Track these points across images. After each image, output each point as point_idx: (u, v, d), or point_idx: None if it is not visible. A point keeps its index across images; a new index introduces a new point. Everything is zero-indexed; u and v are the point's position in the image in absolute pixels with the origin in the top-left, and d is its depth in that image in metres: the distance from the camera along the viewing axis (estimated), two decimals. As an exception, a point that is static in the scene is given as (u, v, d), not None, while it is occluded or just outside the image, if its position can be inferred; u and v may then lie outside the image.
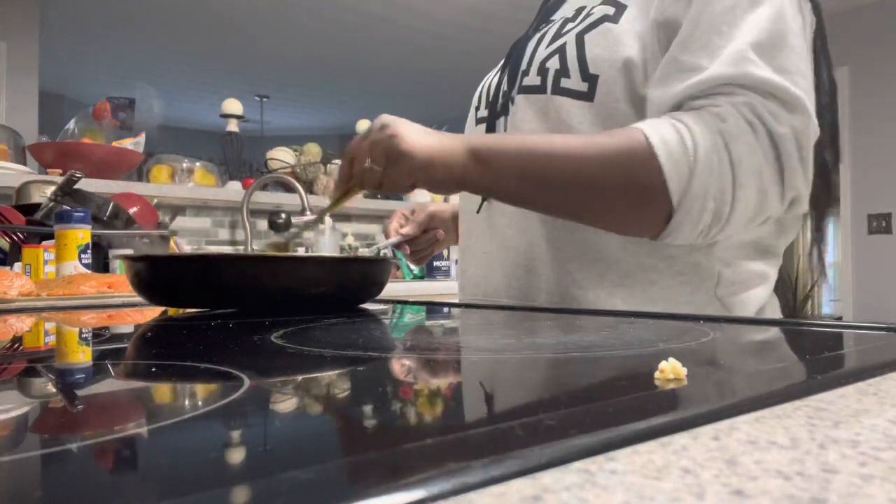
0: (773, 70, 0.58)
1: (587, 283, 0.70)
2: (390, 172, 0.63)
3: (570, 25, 0.72)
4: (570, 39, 0.70)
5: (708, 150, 0.57)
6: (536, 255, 0.74)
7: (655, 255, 0.69)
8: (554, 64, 0.71)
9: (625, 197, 0.60)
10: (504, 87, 0.79)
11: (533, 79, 0.73)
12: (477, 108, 0.86)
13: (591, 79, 0.68)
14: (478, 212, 0.83)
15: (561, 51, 0.71)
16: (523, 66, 0.76)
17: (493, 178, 0.63)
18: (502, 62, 0.84)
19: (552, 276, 0.72)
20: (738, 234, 0.64)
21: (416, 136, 0.62)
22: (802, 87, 0.59)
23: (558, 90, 0.70)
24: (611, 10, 0.69)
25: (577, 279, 0.71)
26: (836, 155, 0.69)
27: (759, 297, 0.72)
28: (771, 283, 0.75)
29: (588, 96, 0.68)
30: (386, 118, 0.64)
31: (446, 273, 2.27)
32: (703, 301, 0.69)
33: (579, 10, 0.73)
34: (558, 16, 0.79)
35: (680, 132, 0.57)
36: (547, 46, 0.73)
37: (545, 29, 0.77)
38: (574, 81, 0.69)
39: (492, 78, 0.86)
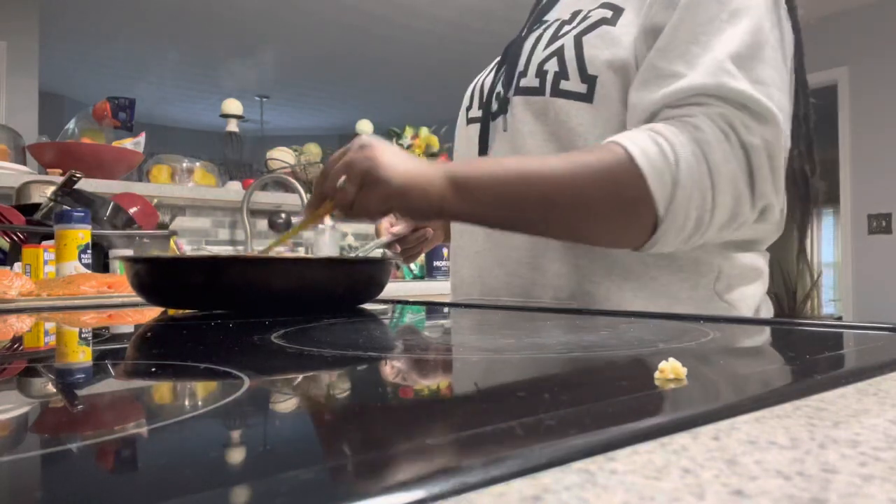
0: (749, 81, 0.60)
1: (598, 276, 0.71)
2: (364, 196, 0.61)
3: (566, 28, 0.73)
4: (567, 42, 0.71)
5: (688, 160, 0.58)
6: (542, 252, 0.74)
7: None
8: (552, 66, 0.71)
9: (611, 213, 0.61)
10: (499, 88, 0.79)
11: (531, 80, 0.73)
12: (468, 108, 0.86)
13: (589, 80, 0.68)
14: None
15: (559, 53, 0.71)
16: (520, 67, 0.76)
17: (473, 205, 0.61)
18: (496, 62, 0.84)
19: (563, 271, 0.72)
20: (712, 240, 0.65)
21: (394, 162, 0.60)
22: (776, 100, 0.61)
23: (557, 92, 0.70)
24: (608, 14, 0.70)
25: (588, 273, 0.71)
26: (814, 165, 0.72)
27: (755, 293, 0.74)
28: (765, 278, 0.76)
29: (587, 97, 0.69)
30: (365, 138, 0.63)
31: (446, 273, 2.27)
32: (703, 297, 0.71)
33: (575, 13, 0.74)
34: (552, 17, 0.79)
35: (659, 144, 0.58)
36: (544, 48, 0.73)
37: (540, 30, 0.77)
38: (573, 83, 0.69)
39: (484, 77, 0.85)
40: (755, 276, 0.73)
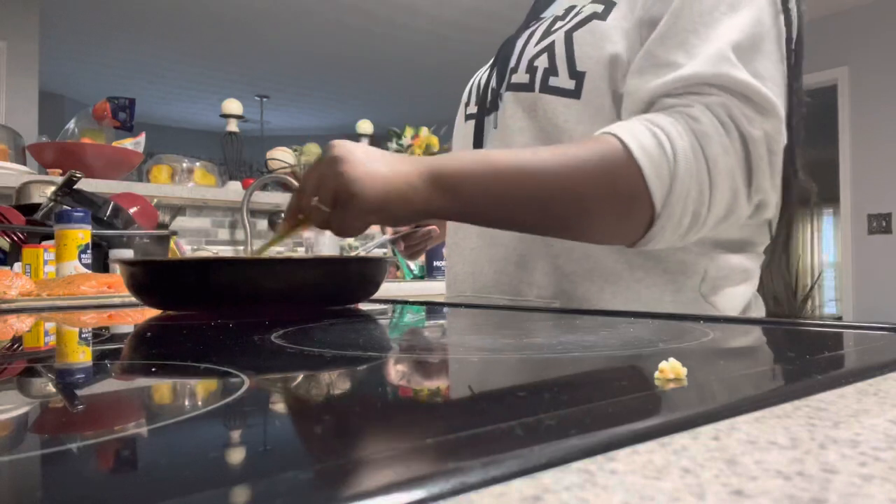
0: (749, 73, 0.58)
1: (577, 276, 0.70)
2: (339, 216, 0.57)
3: (559, 24, 0.72)
4: (558, 38, 0.70)
5: (686, 152, 0.56)
6: (528, 251, 0.74)
7: (642, 253, 0.69)
8: (542, 62, 0.71)
9: (606, 208, 0.58)
10: (493, 84, 0.79)
11: (521, 76, 0.73)
12: (466, 105, 0.86)
13: (578, 76, 0.68)
14: None
15: (549, 49, 0.71)
16: (512, 63, 0.76)
17: (462, 204, 0.58)
18: (492, 59, 0.84)
19: (546, 270, 0.72)
20: (708, 235, 0.64)
21: (367, 173, 0.55)
22: (774, 93, 0.59)
23: (546, 88, 0.70)
24: (599, 8, 0.69)
25: (567, 273, 0.71)
26: (795, 168, 0.68)
27: (742, 294, 0.73)
28: (755, 280, 0.75)
29: (575, 94, 0.68)
30: (337, 148, 0.57)
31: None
32: (687, 300, 0.70)
33: (569, 9, 0.73)
34: (548, 13, 0.79)
35: (657, 135, 0.56)
36: (536, 44, 0.73)
37: (535, 27, 0.77)
38: (562, 79, 0.69)
39: (482, 75, 0.86)
40: (742, 277, 0.72)
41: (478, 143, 0.80)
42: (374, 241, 0.94)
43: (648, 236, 0.59)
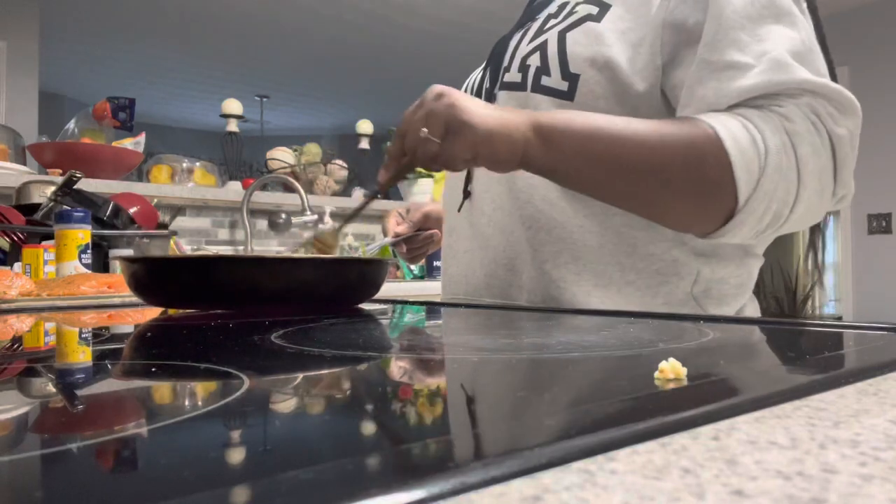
0: (813, 74, 0.58)
1: (564, 282, 0.70)
2: (449, 145, 0.59)
3: (552, 22, 0.72)
4: (551, 37, 0.70)
5: (778, 150, 0.55)
6: (517, 254, 0.74)
7: (635, 253, 0.68)
8: (535, 61, 0.70)
9: (690, 190, 0.58)
10: (487, 84, 0.79)
11: (514, 75, 0.73)
12: None
13: (571, 78, 0.67)
14: (458, 210, 0.83)
15: (542, 48, 0.70)
16: (505, 62, 0.76)
17: (557, 157, 0.59)
18: (486, 60, 0.84)
19: (533, 274, 0.72)
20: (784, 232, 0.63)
21: (475, 107, 0.58)
22: None
23: (538, 88, 0.70)
24: (594, 10, 0.68)
25: (555, 278, 0.71)
26: None
27: (736, 298, 0.72)
28: (750, 283, 0.74)
29: (568, 95, 0.68)
30: (440, 87, 0.60)
31: (446, 273, 2.27)
32: (678, 302, 0.69)
33: (562, 6, 0.73)
34: (544, 14, 0.78)
35: (749, 131, 0.56)
36: (529, 43, 0.73)
37: (529, 26, 0.77)
38: (554, 80, 0.68)
39: (476, 76, 0.85)
40: (738, 281, 0.72)
41: None
42: (375, 244, 0.94)
43: (725, 228, 0.59)
